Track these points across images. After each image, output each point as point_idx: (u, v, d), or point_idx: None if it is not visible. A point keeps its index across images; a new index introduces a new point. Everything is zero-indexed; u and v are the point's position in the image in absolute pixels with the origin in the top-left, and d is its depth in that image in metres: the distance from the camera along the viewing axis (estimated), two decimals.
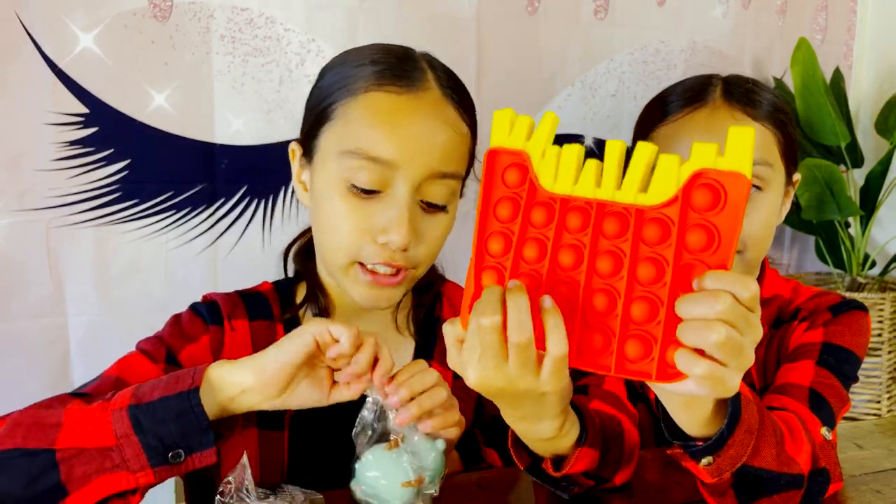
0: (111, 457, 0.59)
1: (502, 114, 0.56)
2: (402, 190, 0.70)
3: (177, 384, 0.62)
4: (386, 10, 1.54)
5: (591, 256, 0.52)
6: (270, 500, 0.62)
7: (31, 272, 1.34)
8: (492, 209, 0.56)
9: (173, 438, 0.60)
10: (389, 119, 0.70)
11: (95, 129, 1.35)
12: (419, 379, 0.67)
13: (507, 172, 0.55)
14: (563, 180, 0.53)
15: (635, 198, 0.51)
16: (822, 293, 0.88)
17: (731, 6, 1.93)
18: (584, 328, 0.53)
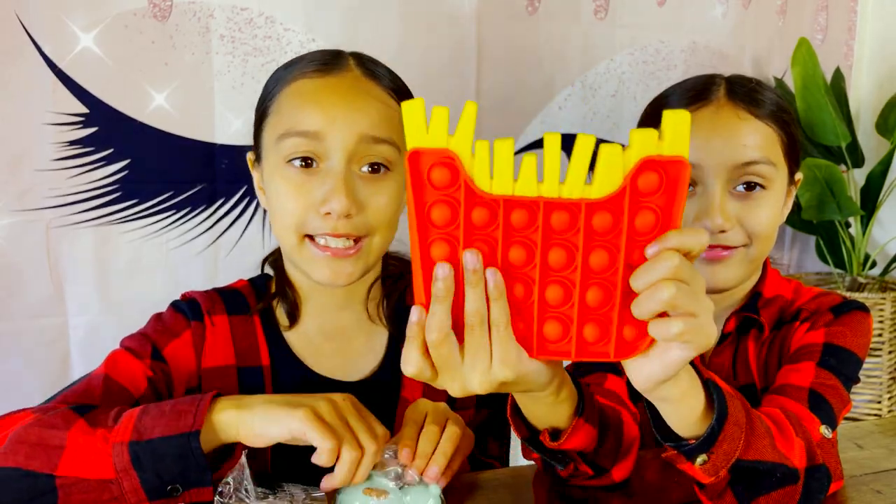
0: (110, 489, 0.60)
1: (413, 106, 0.51)
2: (336, 158, 0.74)
3: (178, 421, 0.61)
4: (386, 10, 1.54)
5: (542, 252, 0.52)
6: (270, 499, 0.62)
7: (30, 272, 1.34)
8: (426, 216, 0.52)
9: (171, 476, 0.61)
10: (314, 97, 0.75)
11: (95, 129, 1.35)
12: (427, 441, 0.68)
13: (433, 173, 0.51)
14: (502, 179, 0.51)
15: (582, 192, 0.50)
16: (824, 294, 0.88)
17: (731, 6, 1.93)
18: (542, 320, 0.53)
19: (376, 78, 0.79)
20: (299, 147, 0.74)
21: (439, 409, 0.73)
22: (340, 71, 0.77)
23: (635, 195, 0.50)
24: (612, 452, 0.70)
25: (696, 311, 0.50)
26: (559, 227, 0.51)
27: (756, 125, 0.81)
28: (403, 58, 1.57)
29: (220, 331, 0.81)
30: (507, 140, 0.51)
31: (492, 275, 0.51)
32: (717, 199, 0.79)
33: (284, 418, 0.62)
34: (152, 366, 0.76)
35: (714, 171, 0.80)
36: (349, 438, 0.63)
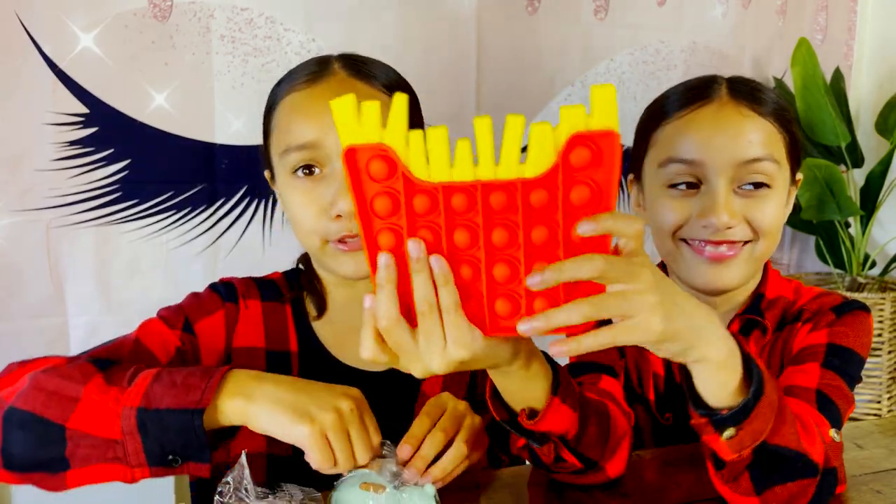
0: (114, 448, 0.63)
1: (343, 103, 0.51)
2: (334, 163, 0.77)
3: (187, 395, 0.63)
4: (386, 10, 1.54)
5: (485, 233, 0.53)
6: (269, 499, 0.63)
7: (31, 272, 1.34)
8: (369, 208, 0.53)
9: (173, 447, 0.63)
10: (303, 109, 0.78)
11: (95, 129, 1.35)
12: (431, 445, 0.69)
13: (371, 166, 0.52)
14: (438, 166, 0.52)
15: (517, 171, 0.51)
16: (824, 294, 0.88)
17: (731, 6, 1.93)
18: (492, 299, 0.54)
19: (364, 76, 0.81)
20: (300, 158, 0.77)
21: (457, 411, 0.72)
22: (327, 77, 0.79)
23: (568, 171, 0.51)
24: (599, 443, 0.69)
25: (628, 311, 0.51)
26: (499, 208, 0.52)
27: (760, 122, 0.81)
28: (403, 58, 1.57)
29: (252, 314, 0.84)
30: (440, 127, 0.51)
31: (436, 261, 0.52)
32: (722, 196, 0.78)
33: (289, 428, 0.63)
34: (182, 337, 0.80)
35: (718, 168, 0.79)
36: (346, 457, 0.64)
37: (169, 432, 0.62)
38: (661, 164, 0.82)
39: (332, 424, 0.63)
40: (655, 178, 0.83)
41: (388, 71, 0.84)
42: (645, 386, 0.88)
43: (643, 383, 0.88)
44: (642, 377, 0.89)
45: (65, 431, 0.63)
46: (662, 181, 0.82)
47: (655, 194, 0.84)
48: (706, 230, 0.79)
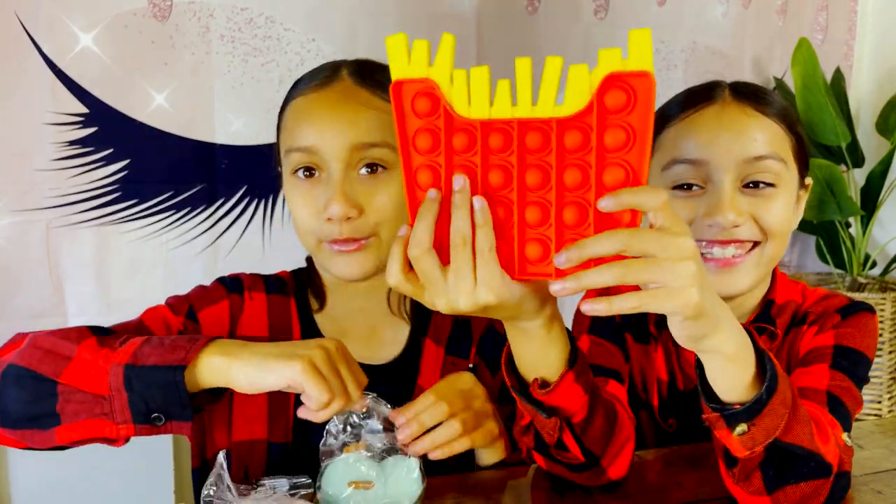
0: (101, 404, 0.65)
1: (396, 40, 0.54)
2: (333, 168, 0.78)
3: (173, 353, 0.66)
4: (386, 10, 1.54)
5: (519, 174, 0.53)
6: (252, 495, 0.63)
7: (31, 272, 1.34)
8: (411, 143, 0.55)
9: (157, 404, 0.65)
10: (306, 114, 0.81)
11: (95, 129, 1.35)
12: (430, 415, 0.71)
13: (417, 102, 0.54)
14: (478, 104, 0.53)
15: (553, 111, 0.52)
16: (830, 295, 0.87)
17: (731, 6, 1.93)
18: (522, 242, 0.55)
19: (370, 84, 0.81)
20: (300, 160, 0.80)
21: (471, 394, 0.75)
22: (333, 84, 0.81)
23: (603, 112, 0.51)
24: (604, 437, 0.69)
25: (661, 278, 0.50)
26: (533, 147, 0.53)
27: (764, 122, 0.79)
28: None
29: (257, 305, 0.87)
30: (482, 67, 0.54)
31: (478, 201, 0.53)
32: (727, 194, 0.77)
33: (281, 368, 0.65)
34: (185, 323, 0.82)
35: (723, 166, 0.78)
36: (340, 391, 0.66)
37: (152, 388, 0.64)
38: (666, 166, 0.81)
39: (321, 358, 0.66)
40: (660, 181, 0.82)
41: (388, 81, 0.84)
42: (649, 391, 0.88)
43: (647, 388, 0.88)
44: (647, 382, 0.89)
45: (56, 386, 0.65)
46: (667, 184, 0.81)
47: None
48: (712, 229, 0.77)
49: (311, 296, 0.89)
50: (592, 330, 0.87)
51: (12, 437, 0.68)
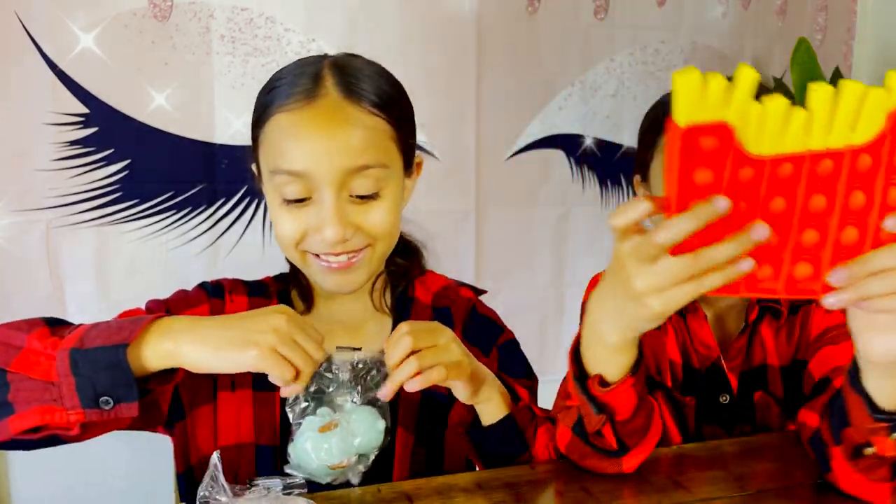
0: (51, 391, 0.65)
1: (687, 78, 0.49)
2: (326, 193, 0.75)
3: (118, 334, 0.66)
4: (386, 10, 1.54)
5: (804, 200, 0.53)
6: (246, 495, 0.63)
7: (31, 272, 1.34)
8: (688, 178, 0.52)
9: (104, 387, 0.65)
10: (293, 135, 0.76)
11: (95, 129, 1.35)
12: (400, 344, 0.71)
13: (703, 140, 0.51)
14: (772, 139, 0.51)
15: (848, 139, 0.51)
16: None
17: (731, 6, 1.93)
18: (794, 261, 0.55)
19: (357, 96, 0.77)
20: (292, 186, 0.76)
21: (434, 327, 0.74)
22: (315, 99, 0.76)
23: (895, 137, 0.52)
24: (639, 432, 0.72)
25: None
26: (823, 175, 0.53)
27: None
28: (403, 58, 1.58)
29: (238, 307, 0.85)
30: (779, 99, 0.51)
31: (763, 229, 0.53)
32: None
33: (237, 356, 0.65)
34: None
35: None
36: (303, 359, 0.67)
37: (98, 369, 0.64)
38: None
39: (276, 340, 0.66)
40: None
41: (380, 84, 0.80)
42: (662, 373, 0.91)
43: (661, 371, 0.92)
44: (660, 365, 0.92)
45: (6, 375, 0.66)
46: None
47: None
48: None
49: (295, 298, 0.88)
50: None
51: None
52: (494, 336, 0.90)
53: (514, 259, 1.77)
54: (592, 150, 1.81)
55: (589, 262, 1.84)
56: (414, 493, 0.72)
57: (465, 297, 0.92)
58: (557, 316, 1.80)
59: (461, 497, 0.72)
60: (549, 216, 1.79)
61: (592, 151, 1.81)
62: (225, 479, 0.63)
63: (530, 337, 1.00)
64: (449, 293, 0.91)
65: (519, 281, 1.77)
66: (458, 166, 1.67)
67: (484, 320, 0.91)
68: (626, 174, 1.87)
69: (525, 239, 1.78)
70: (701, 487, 0.73)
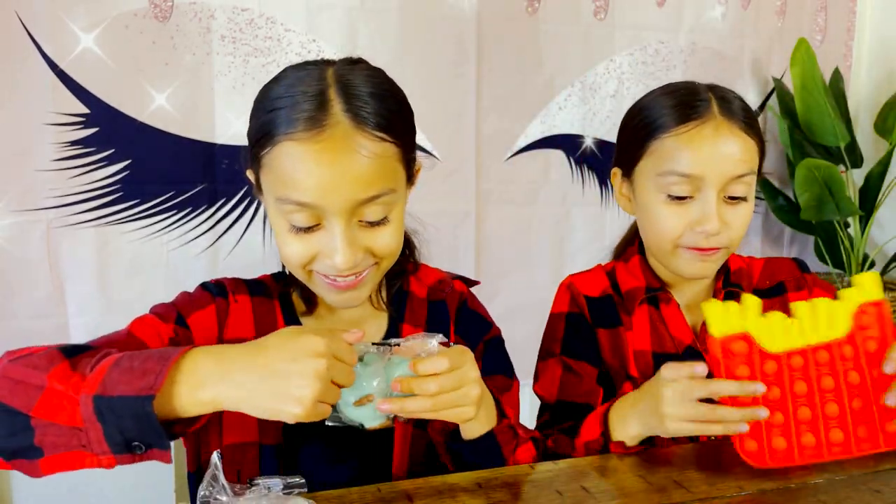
0: (78, 436, 0.62)
1: (712, 306, 0.76)
2: (334, 222, 0.75)
3: (140, 380, 0.62)
4: (386, 10, 1.54)
5: (817, 382, 0.77)
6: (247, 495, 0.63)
7: (31, 272, 1.34)
8: (732, 375, 0.76)
9: (131, 434, 0.62)
10: (302, 167, 0.73)
11: (96, 130, 1.35)
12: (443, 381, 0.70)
13: (734, 344, 0.76)
14: (780, 339, 0.77)
15: (830, 334, 0.78)
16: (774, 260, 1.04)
17: (730, 7, 1.93)
18: (827, 429, 0.77)
19: (364, 121, 0.75)
20: (300, 215, 0.75)
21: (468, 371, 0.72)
22: (324, 128, 0.73)
23: (861, 329, 0.78)
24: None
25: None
26: (823, 361, 0.78)
27: (746, 140, 0.90)
28: (403, 58, 1.58)
29: (242, 307, 0.85)
30: (776, 315, 0.77)
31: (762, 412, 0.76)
32: (714, 207, 0.89)
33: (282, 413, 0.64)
34: (176, 329, 0.80)
35: (713, 182, 0.88)
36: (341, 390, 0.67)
37: (124, 419, 0.61)
38: (662, 174, 0.90)
39: (319, 391, 0.64)
40: (653, 184, 0.92)
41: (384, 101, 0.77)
42: (627, 366, 0.95)
43: (625, 364, 0.96)
44: (624, 360, 0.96)
45: (30, 420, 0.63)
46: (661, 189, 0.91)
47: (652, 199, 0.93)
48: (699, 235, 0.90)
49: (297, 300, 0.88)
50: (565, 348, 0.96)
51: (6, 465, 0.66)
52: (483, 331, 0.91)
53: (513, 259, 1.77)
54: (592, 150, 1.81)
55: (589, 261, 1.84)
56: (414, 493, 0.72)
57: (458, 291, 0.92)
58: None
59: (461, 496, 0.72)
60: (548, 216, 1.80)
61: (592, 151, 1.82)
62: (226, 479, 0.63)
63: (530, 337, 1.00)
64: (444, 286, 0.92)
65: (519, 281, 1.77)
66: (458, 166, 1.67)
67: (473, 315, 0.92)
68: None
69: (525, 239, 1.78)
70: (701, 487, 0.73)
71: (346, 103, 0.74)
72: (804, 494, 0.72)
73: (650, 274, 0.98)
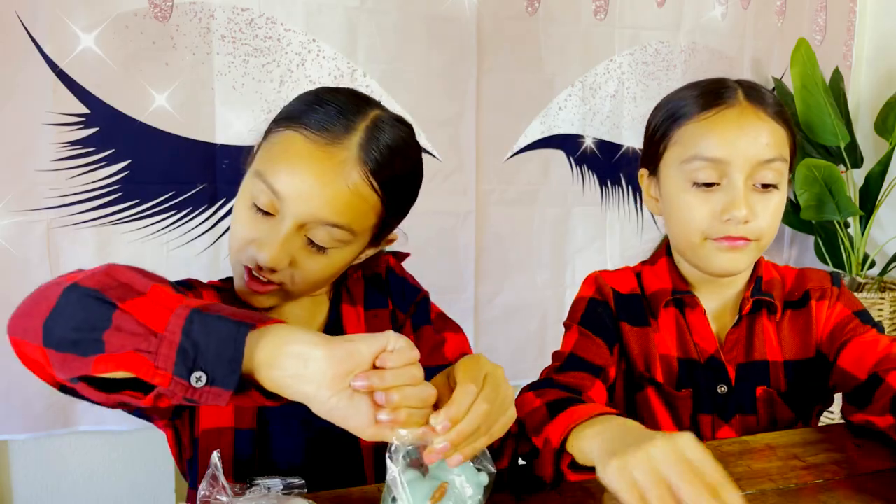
0: (150, 341, 0.59)
1: None
2: (286, 220, 0.77)
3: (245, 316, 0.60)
4: (386, 11, 1.54)
5: None
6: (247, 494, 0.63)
7: (31, 272, 1.34)
8: None
9: (205, 359, 0.59)
10: (293, 159, 0.77)
11: (96, 130, 1.35)
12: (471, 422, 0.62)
13: None
14: None
15: None
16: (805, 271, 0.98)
17: (730, 7, 1.93)
18: None
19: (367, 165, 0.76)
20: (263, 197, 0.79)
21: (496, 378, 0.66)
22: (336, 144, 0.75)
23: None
24: None
25: None
26: None
27: (774, 126, 0.87)
28: (403, 58, 1.58)
29: (208, 297, 0.87)
30: None
31: None
32: (741, 191, 0.85)
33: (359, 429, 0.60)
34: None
35: (740, 166, 0.85)
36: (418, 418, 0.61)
37: (210, 336, 0.58)
38: (686, 160, 0.88)
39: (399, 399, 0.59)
40: (678, 173, 0.89)
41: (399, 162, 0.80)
42: (652, 369, 0.93)
43: (650, 367, 0.93)
44: (649, 361, 0.93)
45: (114, 311, 0.60)
46: (686, 177, 0.88)
47: (677, 189, 0.90)
48: (728, 223, 0.86)
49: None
50: (583, 322, 0.93)
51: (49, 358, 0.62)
52: (414, 293, 0.92)
53: (514, 259, 1.77)
54: (592, 150, 1.81)
55: (589, 261, 1.84)
56: None
57: (384, 261, 0.93)
58: (557, 316, 1.81)
59: None
60: (549, 216, 1.80)
61: (592, 151, 1.82)
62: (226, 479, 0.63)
63: (530, 337, 1.00)
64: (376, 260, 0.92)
65: (519, 281, 1.77)
66: (458, 166, 1.67)
67: (401, 280, 0.93)
68: (626, 174, 1.88)
69: (525, 239, 1.78)
70: None
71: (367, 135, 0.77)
72: (804, 494, 0.72)
73: (677, 276, 0.95)
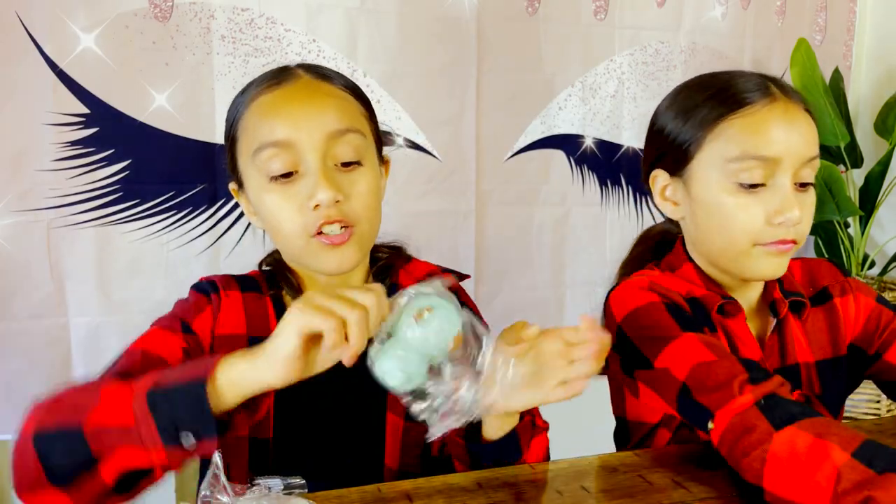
0: (130, 435, 0.64)
1: None
2: (311, 159, 0.78)
3: (193, 371, 0.66)
4: (386, 11, 1.54)
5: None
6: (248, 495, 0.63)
7: (32, 272, 1.34)
8: None
9: (183, 422, 0.64)
10: (274, 108, 0.80)
11: (96, 130, 1.35)
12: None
13: None
14: None
15: None
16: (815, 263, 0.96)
17: (730, 7, 1.93)
18: None
19: (328, 78, 0.84)
20: (277, 160, 0.79)
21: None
22: (291, 80, 0.83)
23: None
24: None
25: None
26: None
27: (810, 121, 0.84)
28: (403, 58, 1.58)
29: (233, 302, 0.86)
30: None
31: None
32: (791, 192, 0.81)
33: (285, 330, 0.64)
34: (186, 338, 0.82)
35: (789, 165, 0.81)
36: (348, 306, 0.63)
37: (178, 407, 0.64)
38: (733, 160, 0.82)
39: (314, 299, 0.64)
40: (721, 174, 0.83)
41: (345, 78, 0.88)
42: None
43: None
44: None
45: (83, 432, 0.64)
46: (729, 177, 0.82)
47: (719, 191, 0.84)
48: (781, 227, 0.81)
49: (286, 293, 0.89)
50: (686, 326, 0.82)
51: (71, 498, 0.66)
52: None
53: (513, 259, 1.77)
54: (592, 150, 1.81)
55: (589, 261, 1.84)
56: (414, 493, 0.72)
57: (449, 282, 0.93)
58: (557, 316, 1.81)
59: (461, 496, 0.72)
60: (549, 216, 1.80)
61: (592, 151, 1.82)
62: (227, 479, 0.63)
63: None
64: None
65: (519, 281, 1.77)
66: (458, 166, 1.67)
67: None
68: (627, 174, 1.88)
69: (525, 239, 1.78)
70: (701, 487, 0.73)
71: (307, 68, 0.85)
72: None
73: (710, 282, 0.89)
